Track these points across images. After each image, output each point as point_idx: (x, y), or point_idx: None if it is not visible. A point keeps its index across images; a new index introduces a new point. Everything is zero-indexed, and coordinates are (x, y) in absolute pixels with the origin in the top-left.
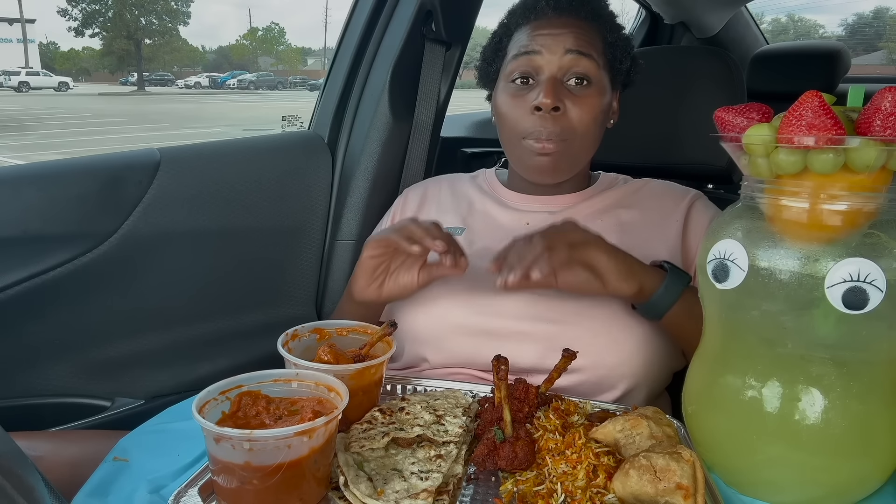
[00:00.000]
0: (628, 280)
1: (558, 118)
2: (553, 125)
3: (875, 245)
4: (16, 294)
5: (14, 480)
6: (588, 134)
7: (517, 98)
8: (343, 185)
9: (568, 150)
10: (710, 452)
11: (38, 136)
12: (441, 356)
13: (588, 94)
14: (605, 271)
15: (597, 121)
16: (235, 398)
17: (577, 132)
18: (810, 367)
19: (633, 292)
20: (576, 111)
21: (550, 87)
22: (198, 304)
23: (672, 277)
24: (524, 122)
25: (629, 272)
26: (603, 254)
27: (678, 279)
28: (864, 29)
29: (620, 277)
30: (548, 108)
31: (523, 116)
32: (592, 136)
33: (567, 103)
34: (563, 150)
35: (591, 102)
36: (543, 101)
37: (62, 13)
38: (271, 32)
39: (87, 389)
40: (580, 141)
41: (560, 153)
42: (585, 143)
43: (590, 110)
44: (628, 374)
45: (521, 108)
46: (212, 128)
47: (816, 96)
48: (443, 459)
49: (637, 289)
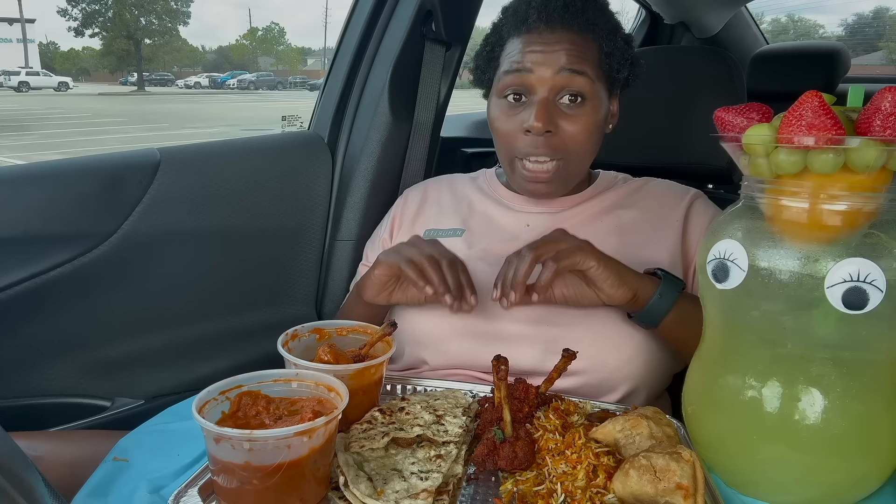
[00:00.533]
0: (621, 287)
1: (550, 139)
2: (545, 146)
3: (875, 245)
4: (16, 294)
5: (14, 480)
6: (582, 151)
7: (509, 116)
8: (343, 185)
9: (562, 169)
10: (710, 452)
11: (38, 136)
12: (441, 358)
13: (582, 112)
14: (597, 278)
15: (591, 137)
16: (235, 398)
17: (570, 151)
18: (810, 367)
19: (627, 299)
20: (569, 131)
21: (542, 110)
22: (198, 304)
23: (666, 284)
24: (517, 142)
25: (621, 279)
26: (593, 260)
27: (672, 286)
28: (864, 29)
29: (613, 284)
30: (539, 132)
31: (515, 135)
32: (588, 151)
33: (560, 123)
34: (557, 170)
35: (585, 120)
36: (534, 126)
37: (62, 13)
38: (271, 32)
39: (87, 389)
40: (575, 158)
41: (554, 175)
42: (581, 159)
43: (583, 128)
44: (628, 376)
45: (514, 125)
46: (212, 128)
47: (816, 96)
48: (443, 459)
49: (631, 295)
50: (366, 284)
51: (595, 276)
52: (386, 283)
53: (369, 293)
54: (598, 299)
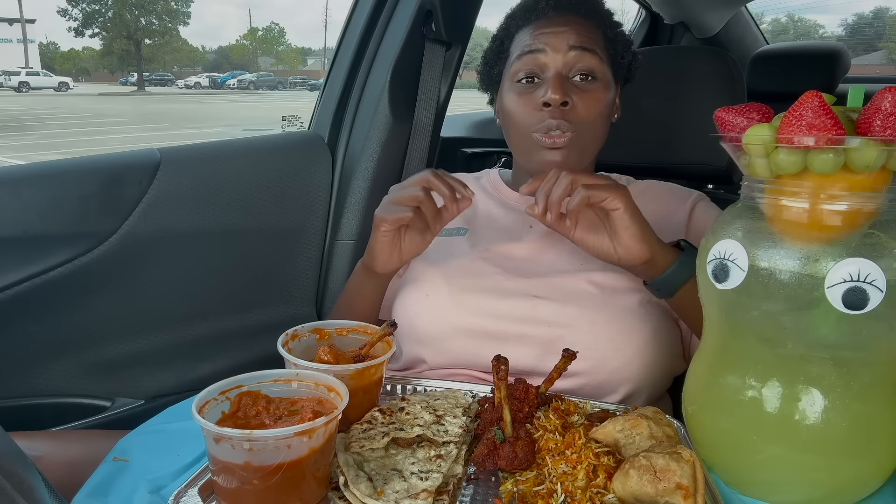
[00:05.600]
0: (641, 243)
1: (567, 112)
2: (562, 117)
3: (875, 245)
4: (16, 294)
5: (14, 480)
6: (596, 126)
7: (524, 96)
8: (343, 186)
9: (578, 141)
10: (710, 452)
11: (38, 136)
12: (440, 358)
13: (594, 88)
14: (620, 224)
15: (603, 115)
16: (235, 398)
17: (585, 124)
18: (810, 367)
19: (643, 259)
20: (583, 105)
21: (558, 82)
22: (198, 304)
23: (688, 254)
24: (533, 118)
25: (643, 235)
26: (622, 203)
27: (693, 257)
28: (864, 29)
29: (634, 236)
30: (556, 103)
31: (532, 113)
32: (600, 129)
33: (574, 98)
34: (573, 142)
35: (598, 96)
36: (552, 97)
37: (62, 13)
38: (271, 32)
39: (87, 389)
40: (590, 132)
41: (570, 145)
42: (594, 135)
43: (596, 104)
44: (629, 378)
45: (529, 105)
46: (212, 128)
47: (816, 96)
48: (443, 459)
49: (648, 255)
50: (374, 253)
51: (619, 220)
52: (393, 239)
53: (380, 260)
54: (615, 252)
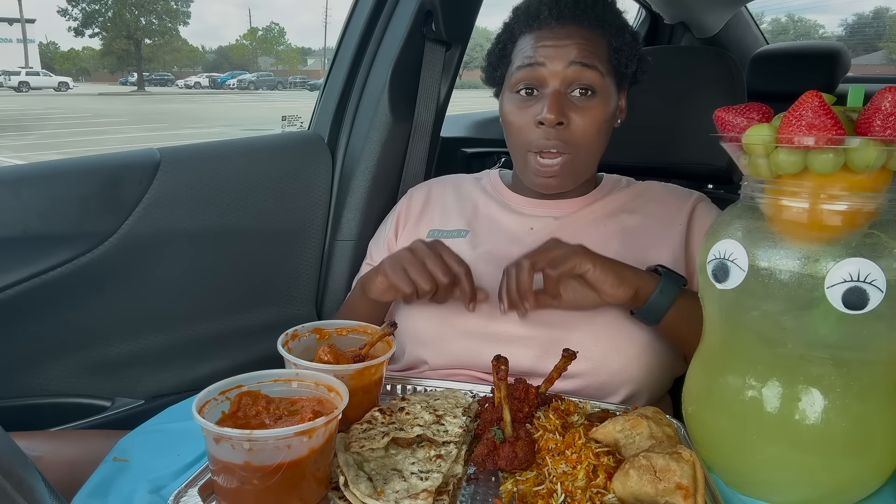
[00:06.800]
0: (621, 286)
1: (562, 131)
2: (557, 138)
3: (875, 245)
4: (16, 294)
5: (14, 480)
6: (593, 144)
7: (522, 110)
8: (343, 185)
9: (571, 165)
10: (710, 452)
11: (38, 136)
12: (441, 358)
13: (592, 105)
14: (596, 280)
15: (601, 130)
16: (235, 398)
17: (580, 145)
18: (810, 367)
19: (628, 297)
20: (580, 123)
21: (554, 101)
22: (198, 304)
23: (667, 280)
24: (529, 135)
25: (620, 278)
26: (589, 263)
27: (673, 282)
28: (864, 29)
29: (613, 284)
30: (552, 123)
31: (528, 128)
32: (598, 146)
33: (571, 115)
34: (566, 167)
35: (596, 113)
36: (547, 117)
37: (62, 13)
38: (271, 32)
39: (87, 389)
40: (585, 152)
41: (562, 172)
42: (591, 154)
43: (594, 121)
44: (630, 379)
45: (526, 119)
46: (212, 128)
47: (816, 96)
48: (443, 459)
49: (632, 293)
50: (370, 286)
51: (593, 278)
52: (389, 289)
53: (374, 293)
54: (601, 300)
